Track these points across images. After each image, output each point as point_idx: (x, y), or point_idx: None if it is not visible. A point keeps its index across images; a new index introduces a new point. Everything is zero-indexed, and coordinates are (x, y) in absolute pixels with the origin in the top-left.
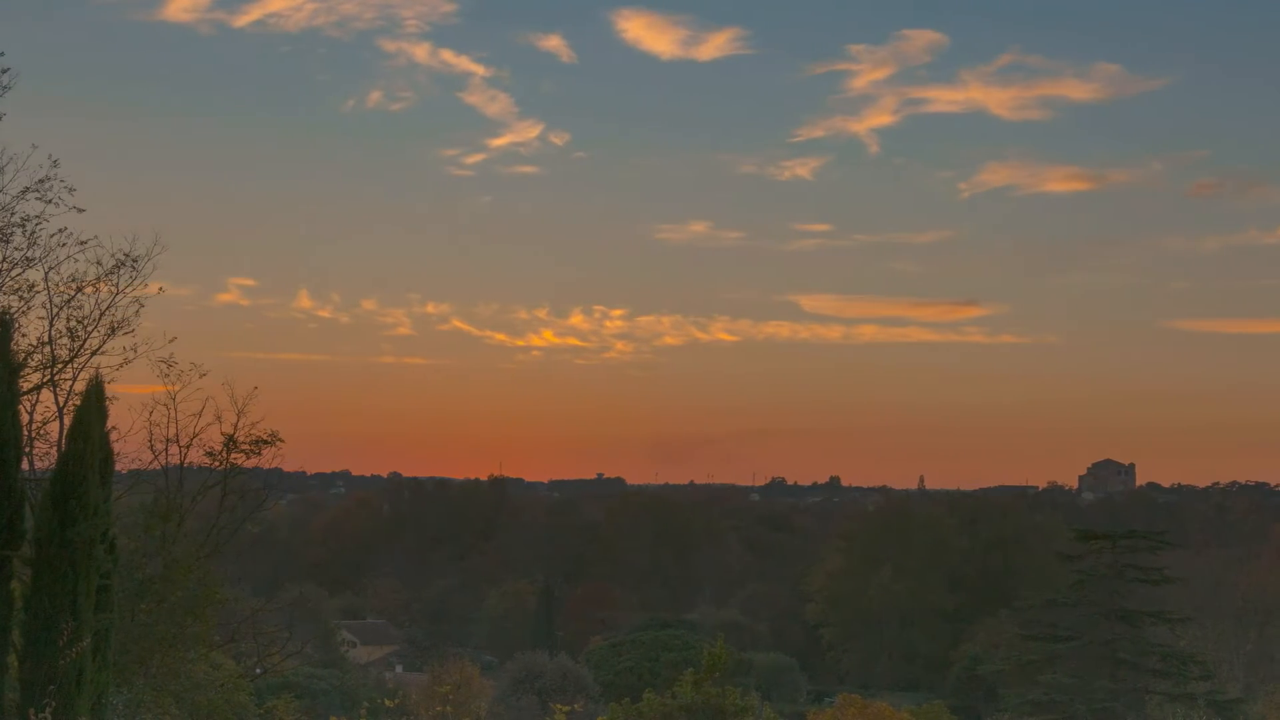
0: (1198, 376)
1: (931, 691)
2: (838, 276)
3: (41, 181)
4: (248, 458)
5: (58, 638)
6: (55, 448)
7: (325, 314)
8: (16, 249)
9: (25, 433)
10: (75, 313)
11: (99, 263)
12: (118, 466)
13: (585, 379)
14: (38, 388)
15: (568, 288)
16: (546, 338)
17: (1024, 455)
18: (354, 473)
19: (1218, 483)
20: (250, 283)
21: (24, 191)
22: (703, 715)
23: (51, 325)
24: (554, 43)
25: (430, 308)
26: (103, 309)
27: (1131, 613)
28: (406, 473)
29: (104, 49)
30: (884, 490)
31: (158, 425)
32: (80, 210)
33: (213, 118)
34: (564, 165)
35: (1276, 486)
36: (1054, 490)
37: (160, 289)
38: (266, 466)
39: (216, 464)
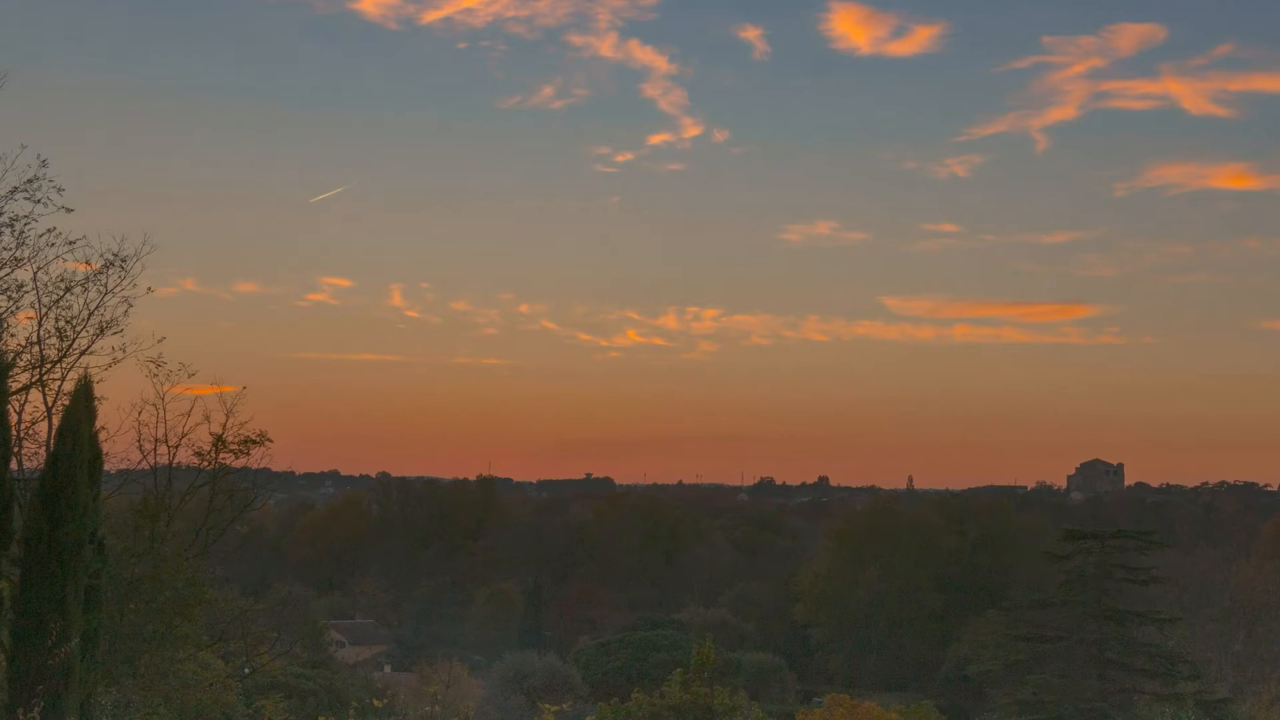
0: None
1: (920, 691)
2: (938, 277)
3: (30, 181)
4: (236, 457)
5: (46, 637)
6: (44, 448)
7: (414, 314)
8: (5, 248)
9: (14, 433)
10: (64, 312)
11: (88, 262)
12: (106, 466)
13: (626, 377)
14: (26, 387)
15: (668, 288)
16: (631, 338)
17: (1012, 455)
18: (342, 472)
19: (1206, 482)
20: (344, 283)
21: (12, 191)
22: (691, 715)
23: (40, 325)
24: (751, 34)
25: (524, 308)
26: (91, 309)
27: (1120, 612)
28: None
29: (251, 37)
30: (872, 490)
31: (146, 425)
32: (69, 210)
33: (352, 115)
34: (712, 163)
35: (1265, 486)
36: (1042, 490)
37: (150, 289)
38: (255, 466)
39: (205, 464)
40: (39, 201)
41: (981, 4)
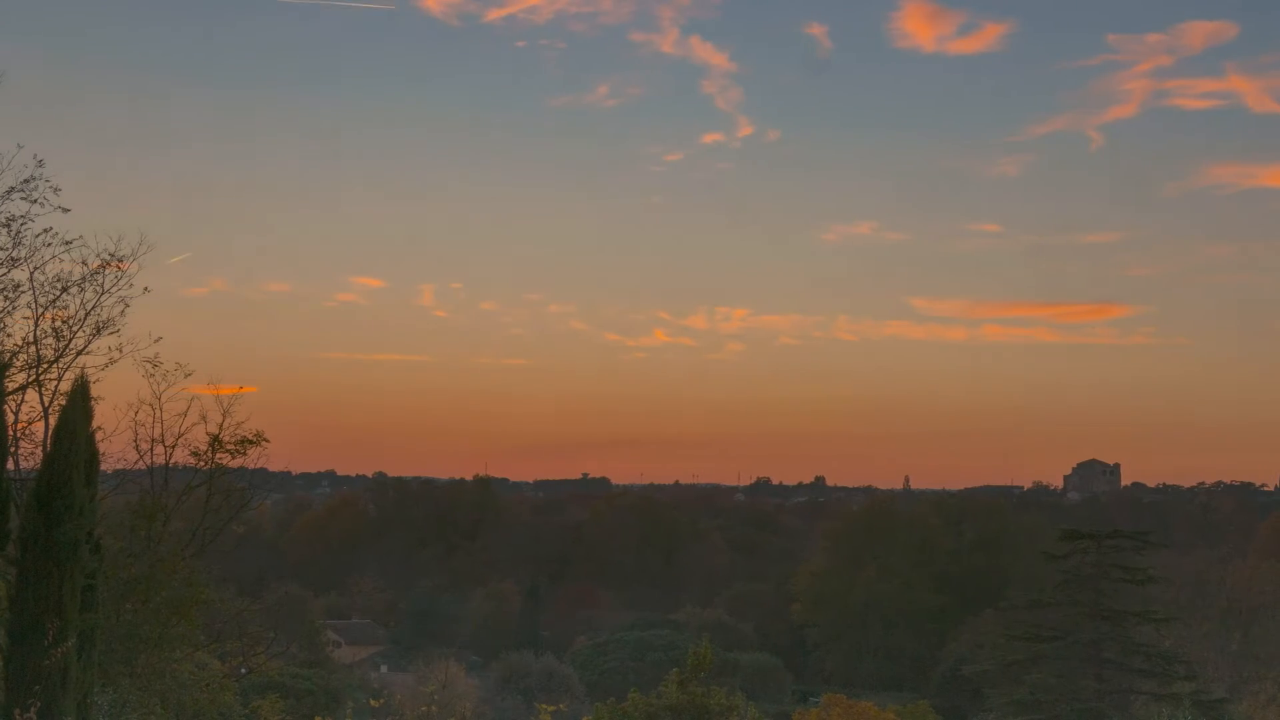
0: None
1: (916, 691)
2: (974, 277)
3: (26, 181)
4: (233, 458)
5: (43, 638)
6: (40, 448)
7: (443, 314)
8: (1, 249)
9: (10, 433)
10: (60, 313)
11: (84, 263)
12: (103, 466)
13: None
14: (23, 387)
15: (700, 288)
16: (659, 338)
17: (1009, 455)
18: (339, 472)
19: (1203, 482)
20: (375, 283)
21: (9, 191)
22: (688, 715)
23: (37, 325)
24: (817, 31)
25: (554, 308)
26: (88, 309)
27: (1116, 612)
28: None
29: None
30: (869, 490)
31: (143, 425)
32: (65, 210)
33: (396, 112)
34: (761, 163)
35: (1261, 486)
36: (1039, 490)
37: (146, 289)
38: (251, 466)
39: (202, 464)
40: (35, 201)
41: (1051, 2)
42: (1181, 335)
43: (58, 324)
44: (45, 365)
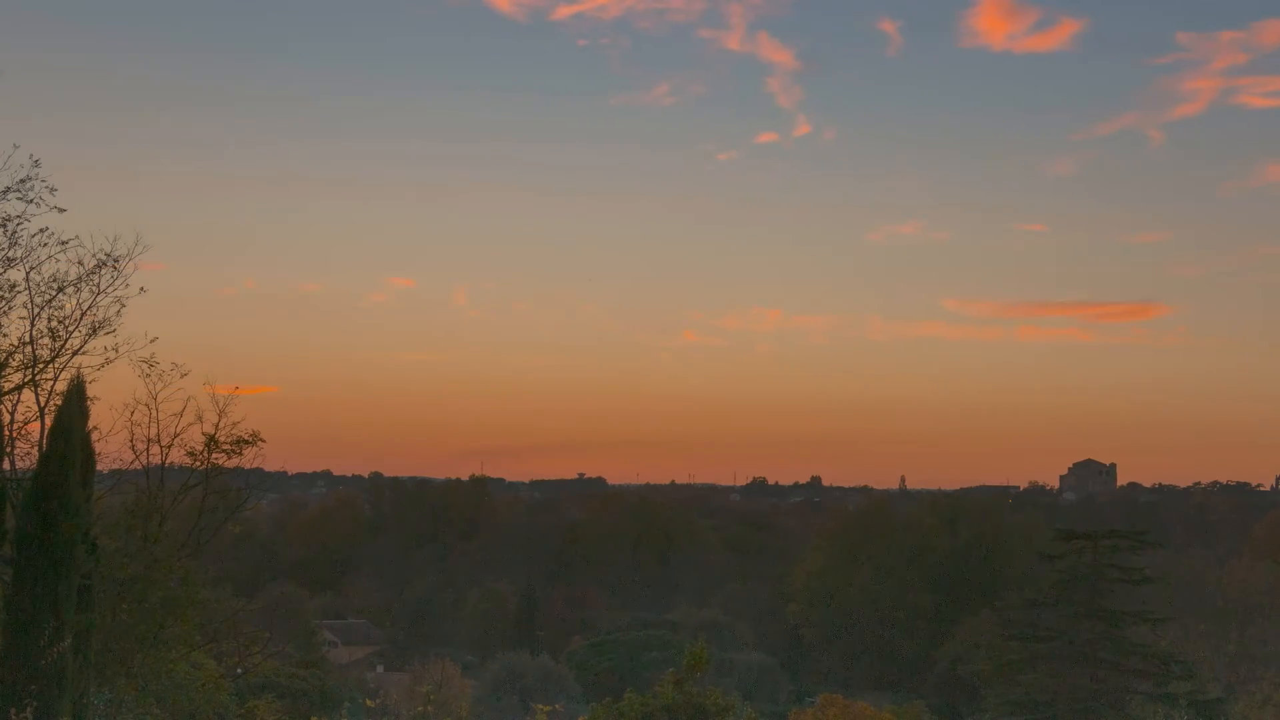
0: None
1: (912, 691)
2: (1013, 277)
3: (22, 181)
4: (229, 458)
5: (39, 637)
6: (36, 448)
7: (476, 313)
8: None
9: (6, 433)
10: (56, 313)
11: (80, 263)
12: (99, 466)
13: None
14: (19, 388)
15: (738, 288)
16: (687, 338)
17: (1005, 455)
18: (334, 472)
19: (1199, 483)
20: (408, 283)
21: (5, 191)
22: (684, 715)
23: (33, 325)
24: (889, 28)
25: (587, 308)
26: (84, 309)
27: (1112, 612)
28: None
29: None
30: (865, 490)
31: (139, 425)
32: (61, 210)
33: (443, 110)
34: (814, 162)
35: (1257, 486)
36: (1035, 490)
37: (142, 289)
38: (248, 466)
39: (198, 464)
40: (31, 201)
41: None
42: (1214, 335)
43: (54, 324)
44: (41, 365)
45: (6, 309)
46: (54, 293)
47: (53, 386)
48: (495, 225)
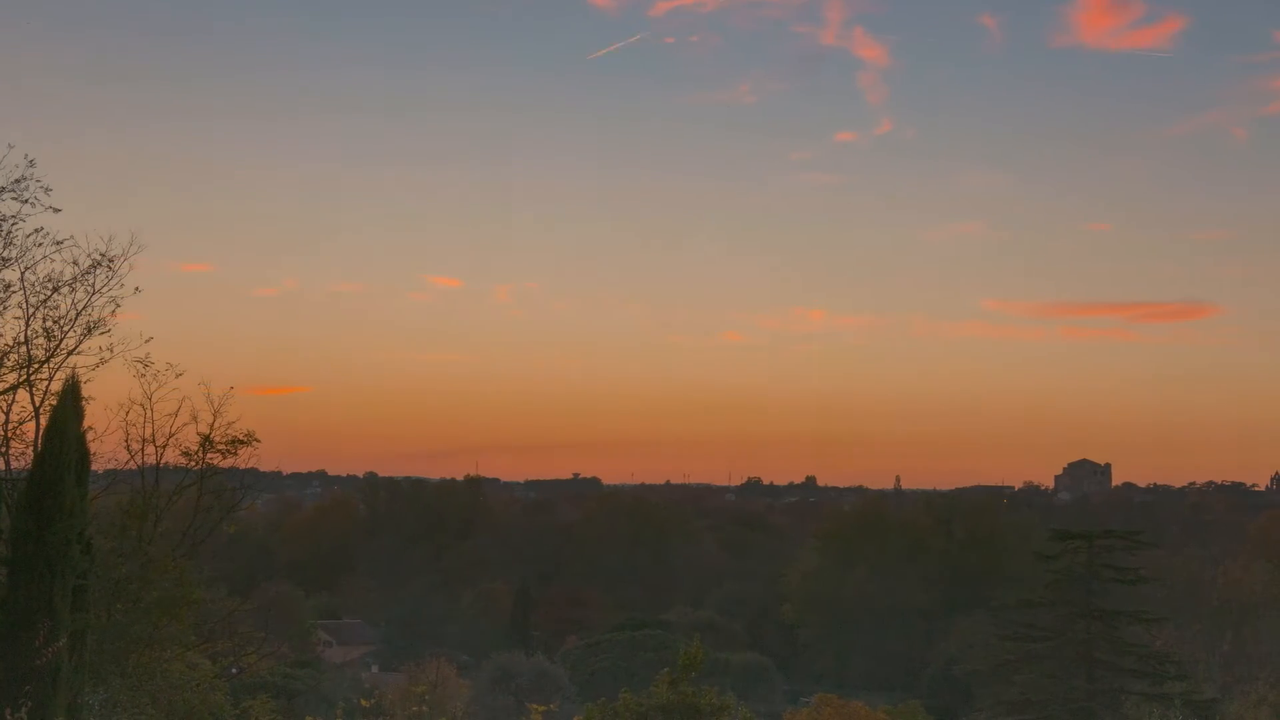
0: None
1: (908, 691)
2: (1067, 277)
3: (17, 181)
4: (224, 458)
5: (34, 637)
6: (31, 448)
7: (518, 314)
8: None
9: (1, 433)
10: (51, 313)
11: (75, 263)
12: (94, 466)
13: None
14: (14, 388)
15: (787, 289)
16: (728, 339)
17: (1000, 455)
18: (329, 472)
19: (1194, 482)
20: (452, 283)
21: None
22: (678, 715)
23: (28, 325)
24: (990, 23)
25: (630, 308)
26: (79, 309)
27: (1108, 612)
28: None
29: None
30: (860, 490)
31: (134, 425)
32: (56, 210)
33: (512, 108)
34: (885, 161)
35: (1252, 486)
36: (1030, 490)
37: (137, 289)
38: (242, 466)
39: (193, 464)
40: (26, 201)
41: None
42: (1258, 335)
43: (49, 324)
44: (36, 365)
45: (1, 309)
46: (49, 293)
47: (48, 386)
48: (547, 225)
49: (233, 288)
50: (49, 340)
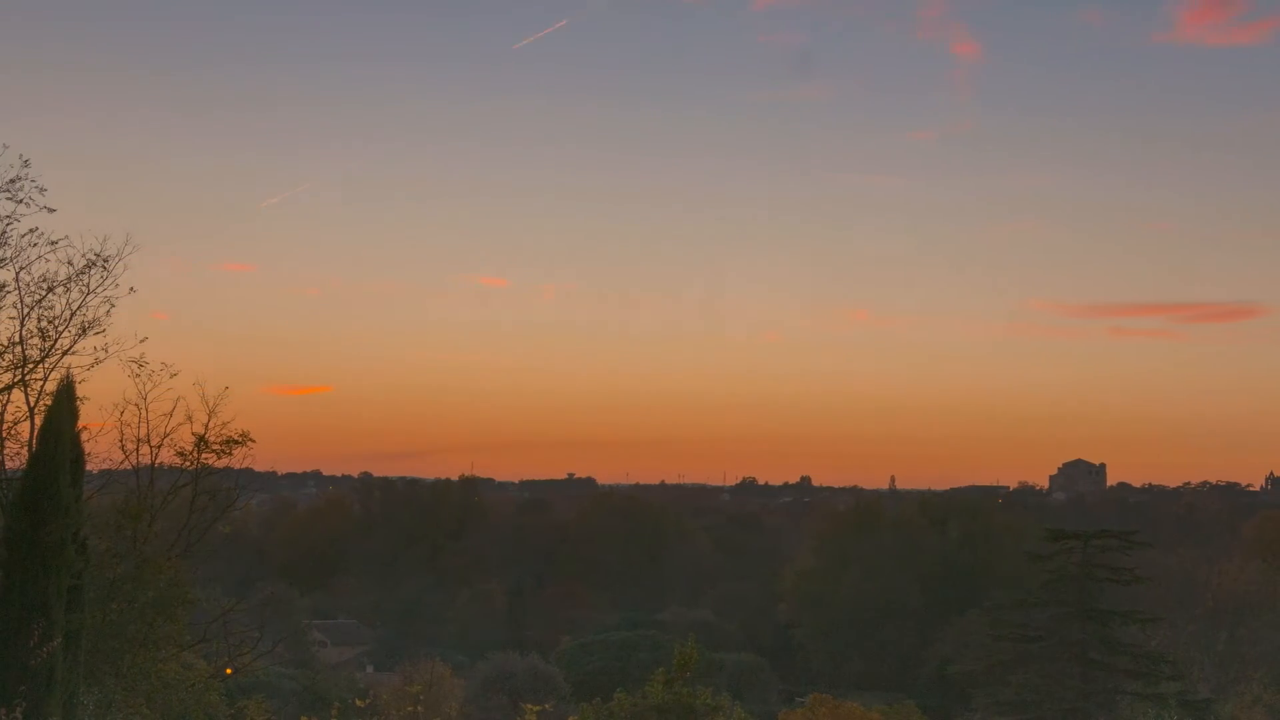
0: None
1: (902, 691)
2: (1117, 276)
3: (12, 181)
4: (219, 458)
5: (29, 637)
6: (26, 448)
7: (555, 315)
8: None
9: None
10: (46, 313)
11: (70, 263)
12: (89, 466)
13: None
14: (8, 388)
15: (825, 289)
16: (767, 339)
17: (995, 455)
18: (324, 472)
19: (1189, 482)
20: (501, 283)
21: None
22: (674, 715)
23: (23, 325)
24: (1093, 19)
25: (674, 305)
26: (74, 309)
27: (1102, 612)
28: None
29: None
30: (855, 490)
31: (129, 425)
32: (51, 210)
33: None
34: (955, 163)
35: (1247, 486)
36: (1025, 490)
37: (131, 289)
38: (237, 466)
39: (188, 464)
40: (21, 201)
41: None
42: None
43: (43, 324)
44: (31, 365)
45: None
46: (44, 293)
47: (42, 387)
48: (592, 225)
49: (271, 285)
50: (44, 340)
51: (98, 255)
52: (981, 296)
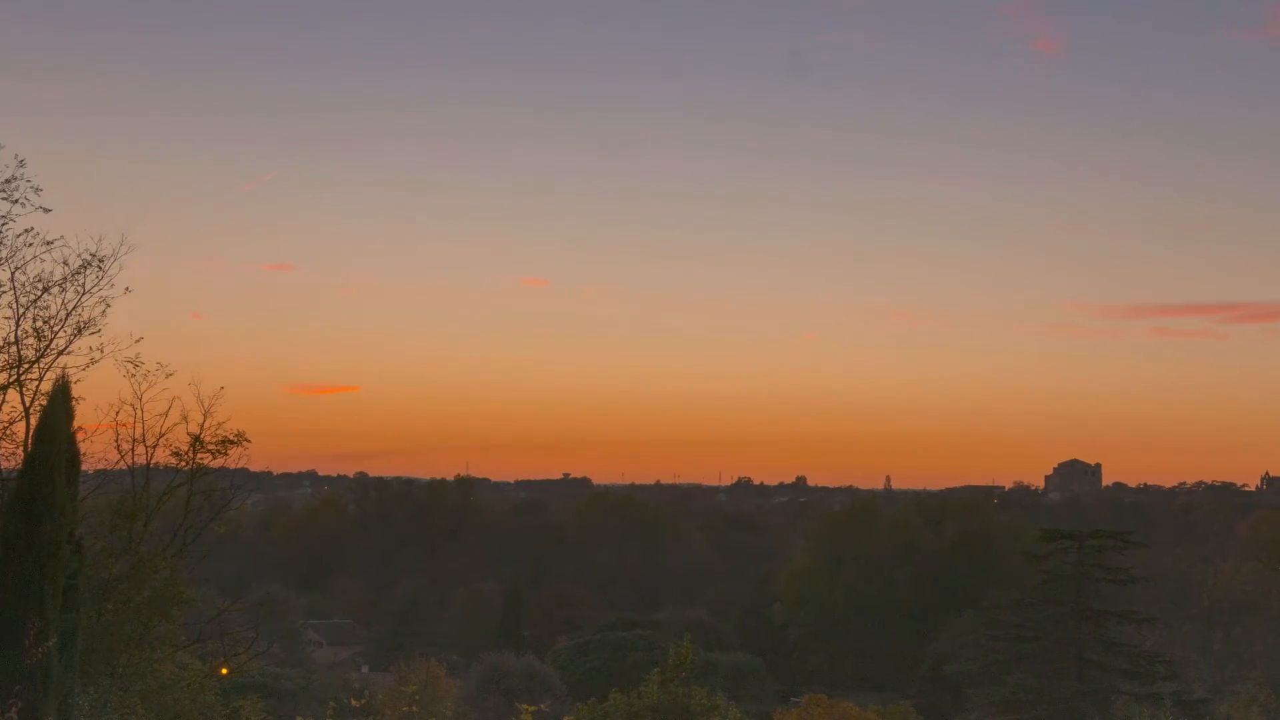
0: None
1: (898, 691)
2: (1164, 276)
3: (8, 181)
4: (214, 457)
5: (24, 638)
6: (21, 448)
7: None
8: None
9: None
10: (41, 313)
11: (65, 263)
12: (84, 466)
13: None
14: (4, 388)
15: (862, 289)
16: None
17: (990, 455)
18: (320, 472)
19: (1184, 482)
20: (544, 283)
21: None
22: (669, 715)
23: (17, 325)
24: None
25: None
26: (69, 309)
27: (1098, 612)
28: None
29: None
30: (850, 490)
31: (124, 425)
32: (46, 210)
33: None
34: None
35: (1242, 486)
36: (1020, 490)
37: (127, 289)
38: (233, 466)
39: (183, 464)
40: (16, 201)
41: None
42: None
43: (39, 324)
44: (26, 365)
45: None
46: (39, 293)
47: (38, 387)
48: (632, 227)
49: (311, 287)
50: (39, 340)
51: (93, 255)
52: (982, 296)
